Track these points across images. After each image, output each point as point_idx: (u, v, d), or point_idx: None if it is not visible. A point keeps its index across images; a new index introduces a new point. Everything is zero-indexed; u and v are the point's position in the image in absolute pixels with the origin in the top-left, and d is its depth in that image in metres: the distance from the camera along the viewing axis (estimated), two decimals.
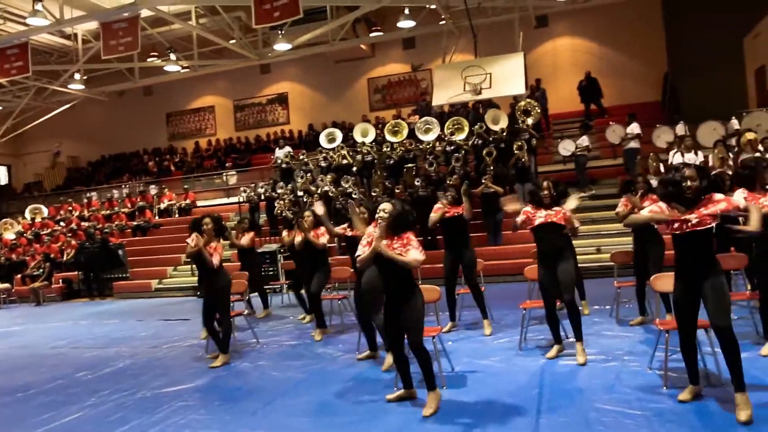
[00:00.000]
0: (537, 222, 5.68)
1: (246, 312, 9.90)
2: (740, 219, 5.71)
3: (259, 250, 11.98)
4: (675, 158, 11.78)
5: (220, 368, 6.62)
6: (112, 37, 13.94)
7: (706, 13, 16.53)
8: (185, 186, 19.31)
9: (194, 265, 7.21)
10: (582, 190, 13.40)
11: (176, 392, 5.82)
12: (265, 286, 10.72)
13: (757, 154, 11.20)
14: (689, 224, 4.18)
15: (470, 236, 7.56)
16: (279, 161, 16.70)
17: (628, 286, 7.09)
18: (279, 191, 14.82)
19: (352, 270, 7.37)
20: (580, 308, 6.04)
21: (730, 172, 11.21)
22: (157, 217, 18.33)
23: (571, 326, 5.71)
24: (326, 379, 5.82)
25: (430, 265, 9.32)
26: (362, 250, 4.72)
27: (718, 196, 4.21)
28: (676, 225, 4.25)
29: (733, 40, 16.37)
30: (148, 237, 17.45)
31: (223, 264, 6.91)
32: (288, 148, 17.52)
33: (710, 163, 11.47)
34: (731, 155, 11.48)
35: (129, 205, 18.94)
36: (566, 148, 13.23)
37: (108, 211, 18.94)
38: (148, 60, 18.98)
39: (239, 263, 10.31)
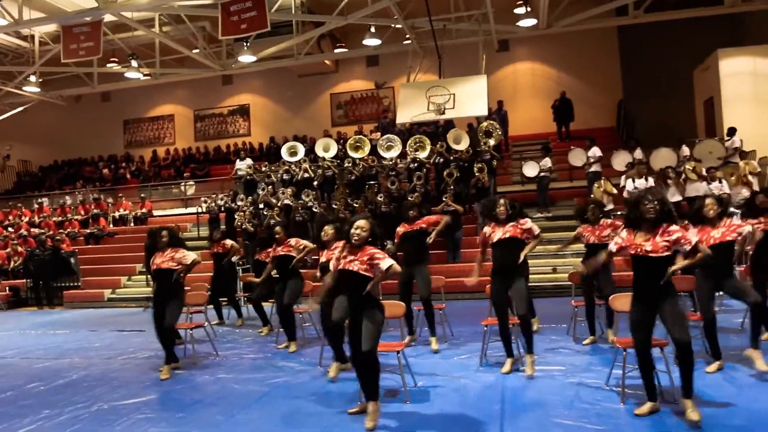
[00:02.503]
0: (495, 238, 5.87)
1: (215, 321, 9.90)
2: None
3: None
4: (627, 184, 12.22)
5: (178, 380, 6.52)
6: (73, 41, 13.69)
7: (660, 45, 17.32)
8: (142, 195, 18.96)
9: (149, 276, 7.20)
10: (541, 211, 13.76)
11: (135, 405, 5.71)
12: (221, 299, 10.65)
13: (704, 182, 11.80)
14: (643, 249, 4.42)
15: (429, 253, 7.68)
16: (240, 173, 16.60)
17: (584, 305, 7.29)
18: (239, 203, 14.71)
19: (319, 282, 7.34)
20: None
21: (679, 197, 11.77)
22: (111, 226, 17.93)
23: (523, 340, 5.92)
24: (289, 393, 5.81)
25: (391, 281, 9.43)
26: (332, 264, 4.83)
27: (674, 227, 4.45)
28: (632, 249, 4.49)
29: (684, 72, 17.13)
30: (102, 246, 17.04)
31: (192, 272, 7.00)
32: (249, 160, 17.44)
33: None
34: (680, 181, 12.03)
35: (82, 212, 18.48)
36: (531, 169, 13.56)
37: (60, 218, 18.44)
38: (108, 65, 18.66)
39: (212, 273, 10.41)
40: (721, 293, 5.75)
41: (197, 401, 5.74)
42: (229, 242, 10.45)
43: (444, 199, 12.06)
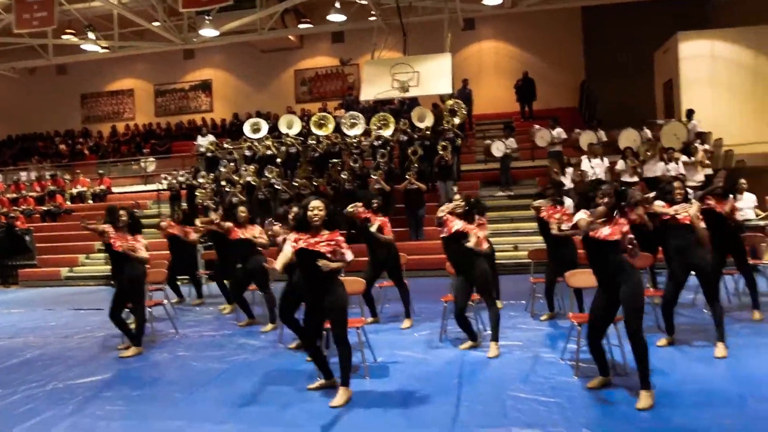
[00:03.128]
0: (453, 229, 5.88)
1: (175, 300, 9.78)
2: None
3: None
4: (584, 163, 12.42)
5: (136, 358, 6.45)
6: (26, 11, 13.22)
7: (622, 27, 17.52)
8: (100, 171, 18.51)
9: (108, 254, 6.96)
10: (503, 190, 13.90)
11: (91, 383, 5.63)
12: (179, 276, 10.54)
13: (661, 163, 12.09)
14: (601, 233, 4.43)
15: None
16: (202, 149, 16.34)
17: (543, 282, 7.41)
18: (200, 180, 14.50)
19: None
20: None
21: (636, 178, 12.04)
22: (68, 203, 17.51)
23: (489, 324, 5.94)
24: (248, 370, 5.79)
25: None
26: (289, 247, 4.73)
27: (623, 220, 4.46)
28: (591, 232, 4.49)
29: (645, 54, 17.37)
30: (59, 223, 16.64)
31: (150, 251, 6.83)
32: (211, 137, 17.18)
33: (620, 168, 12.20)
34: (638, 162, 12.27)
35: (38, 188, 17.99)
36: (498, 149, 13.67)
37: (14, 195, 17.91)
38: (64, 37, 18.04)
39: (169, 251, 10.21)
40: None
41: (155, 379, 5.70)
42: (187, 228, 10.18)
43: (407, 176, 12.09)
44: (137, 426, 4.50)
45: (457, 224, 5.89)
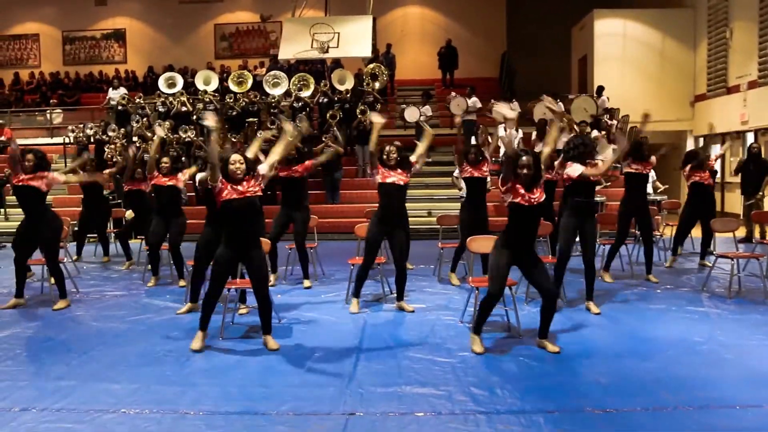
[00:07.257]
0: (388, 180, 5.97)
1: (75, 258, 9.45)
2: None
3: None
4: (500, 131, 12.71)
5: (29, 317, 6.22)
6: None
7: (543, 2, 17.88)
8: (0, 121, 17.36)
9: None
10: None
11: None
12: (89, 235, 10.18)
13: (573, 135, 12.52)
14: (534, 199, 4.64)
15: (307, 196, 7.73)
16: (113, 102, 15.60)
17: (450, 248, 7.62)
18: (111, 134, 13.88)
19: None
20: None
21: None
22: None
23: (396, 287, 6.22)
24: (150, 330, 5.69)
25: (267, 219, 9.36)
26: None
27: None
28: (519, 198, 4.64)
29: (564, 29, 17.84)
30: None
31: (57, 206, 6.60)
32: (123, 90, 16.43)
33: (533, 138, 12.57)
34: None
35: None
36: (412, 115, 13.72)
37: None
38: None
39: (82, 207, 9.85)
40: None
41: (49, 339, 5.51)
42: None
43: (324, 139, 11.99)
44: (25, 387, 4.33)
45: (390, 177, 5.97)
